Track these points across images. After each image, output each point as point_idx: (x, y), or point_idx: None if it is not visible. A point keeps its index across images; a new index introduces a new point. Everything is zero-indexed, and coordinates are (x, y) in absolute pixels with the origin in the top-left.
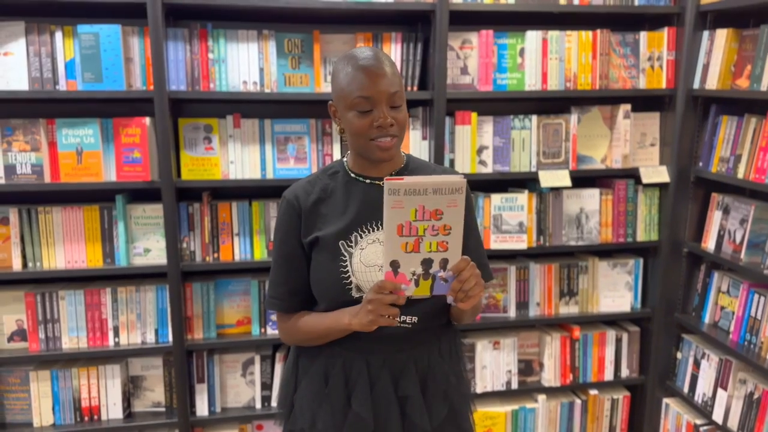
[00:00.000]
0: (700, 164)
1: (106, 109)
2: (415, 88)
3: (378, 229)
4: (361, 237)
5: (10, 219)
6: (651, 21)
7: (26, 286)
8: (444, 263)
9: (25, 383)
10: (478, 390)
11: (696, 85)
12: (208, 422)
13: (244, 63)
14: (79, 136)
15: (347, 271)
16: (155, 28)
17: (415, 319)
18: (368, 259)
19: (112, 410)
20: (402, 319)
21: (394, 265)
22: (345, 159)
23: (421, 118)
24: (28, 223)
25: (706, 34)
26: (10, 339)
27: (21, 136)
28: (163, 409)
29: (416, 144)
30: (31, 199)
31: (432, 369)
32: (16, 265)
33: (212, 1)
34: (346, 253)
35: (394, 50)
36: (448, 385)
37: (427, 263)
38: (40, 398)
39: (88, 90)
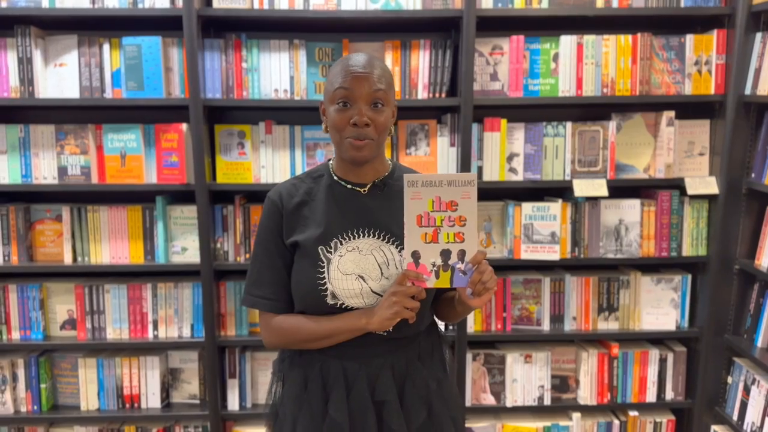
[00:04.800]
0: (753, 175)
1: (149, 115)
2: (444, 95)
3: (359, 237)
4: (341, 243)
5: (63, 216)
6: (698, 23)
7: (76, 279)
8: (461, 255)
9: (75, 369)
10: (508, 404)
11: (747, 91)
12: (239, 417)
13: (275, 72)
14: (123, 141)
15: (324, 278)
16: (191, 40)
17: (390, 328)
18: (345, 267)
19: (151, 399)
20: None
21: (415, 255)
22: (331, 162)
23: (449, 125)
24: (78, 221)
25: (758, 36)
26: (62, 327)
27: (72, 140)
28: (198, 402)
29: (444, 151)
30: (81, 198)
31: (410, 374)
32: (67, 259)
33: (246, 12)
34: (324, 259)
35: (422, 57)
36: (427, 390)
37: (445, 254)
38: (87, 384)
39: (131, 98)
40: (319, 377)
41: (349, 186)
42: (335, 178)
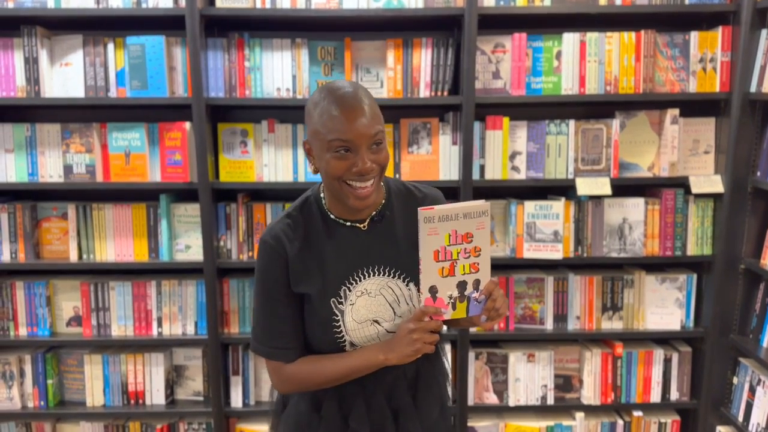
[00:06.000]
0: (759, 174)
1: (153, 114)
2: (446, 93)
3: (365, 278)
4: (350, 290)
5: (68, 214)
6: (703, 20)
7: (82, 276)
8: (476, 284)
9: (81, 365)
10: (511, 403)
11: (753, 89)
12: (242, 414)
13: (278, 70)
14: (128, 140)
15: (341, 332)
16: (193, 39)
17: None
18: (360, 315)
19: (156, 396)
20: None
21: (433, 290)
22: (322, 195)
23: (452, 124)
24: (84, 219)
25: (764, 33)
26: (69, 324)
27: (77, 138)
28: (202, 399)
29: (446, 149)
30: (86, 196)
31: (421, 375)
32: (73, 256)
33: (248, 12)
34: (337, 312)
35: (424, 55)
36: (436, 385)
37: (462, 286)
38: (92, 380)
39: (135, 97)
40: (335, 394)
41: (348, 224)
42: (332, 216)
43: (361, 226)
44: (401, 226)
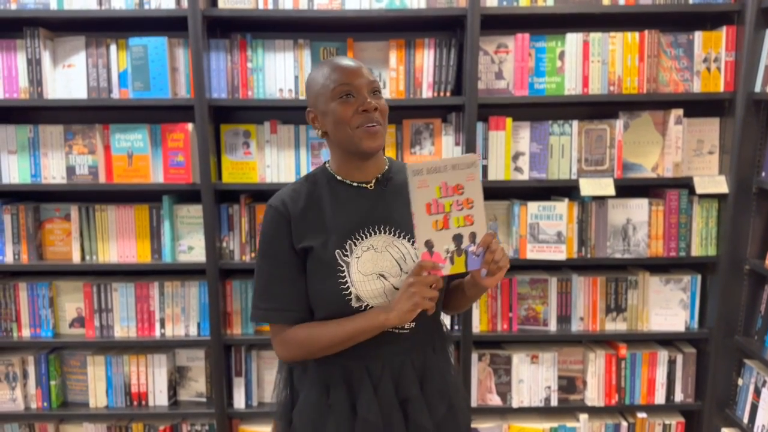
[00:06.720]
0: (763, 174)
1: (155, 115)
2: (448, 94)
3: (371, 235)
4: (356, 245)
5: (71, 216)
6: (707, 20)
7: (85, 278)
8: (473, 237)
9: (84, 367)
10: (514, 404)
11: (757, 89)
12: (245, 415)
13: (280, 71)
14: (130, 141)
15: (346, 282)
16: (196, 40)
17: (413, 324)
18: (365, 268)
19: (159, 397)
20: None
21: (429, 244)
22: (327, 165)
23: (454, 124)
24: (87, 220)
25: None
26: (71, 325)
27: (80, 140)
28: (205, 400)
29: (449, 150)
30: (89, 198)
31: (429, 368)
32: (76, 257)
33: (250, 12)
34: (342, 263)
35: (427, 56)
36: (444, 382)
37: (458, 239)
38: (95, 381)
39: (138, 98)
40: (342, 382)
41: (354, 184)
42: (338, 178)
43: (368, 186)
44: (405, 193)
